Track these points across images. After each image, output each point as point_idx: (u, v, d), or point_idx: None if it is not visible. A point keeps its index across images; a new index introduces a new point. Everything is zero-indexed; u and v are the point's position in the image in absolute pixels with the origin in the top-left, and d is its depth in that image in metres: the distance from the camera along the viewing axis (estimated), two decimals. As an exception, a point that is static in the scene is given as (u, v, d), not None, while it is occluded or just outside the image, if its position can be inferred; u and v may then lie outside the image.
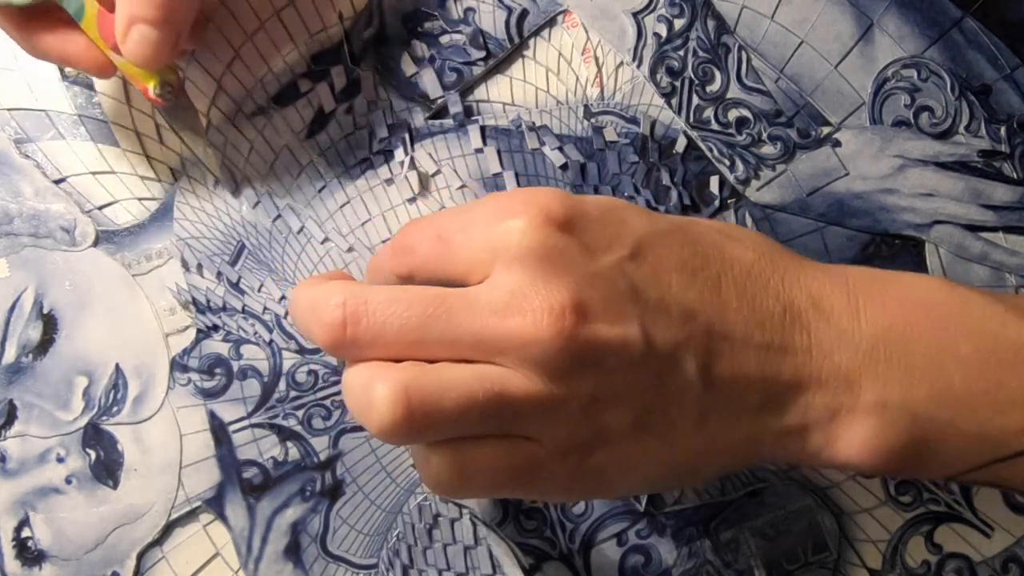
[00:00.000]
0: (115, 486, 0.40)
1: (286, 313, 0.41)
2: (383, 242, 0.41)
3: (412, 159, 0.42)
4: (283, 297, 0.41)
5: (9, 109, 0.41)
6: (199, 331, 0.41)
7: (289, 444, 0.41)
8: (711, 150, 0.42)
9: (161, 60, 0.35)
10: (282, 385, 0.41)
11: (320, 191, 0.42)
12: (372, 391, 0.28)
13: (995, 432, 0.31)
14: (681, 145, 0.42)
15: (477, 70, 0.42)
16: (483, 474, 0.29)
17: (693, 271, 0.30)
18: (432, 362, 0.29)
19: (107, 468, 0.40)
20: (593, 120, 0.42)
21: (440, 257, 0.30)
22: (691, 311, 0.30)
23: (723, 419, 0.30)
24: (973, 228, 0.42)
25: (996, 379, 0.31)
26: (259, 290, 0.41)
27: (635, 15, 0.42)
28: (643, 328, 0.29)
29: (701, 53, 0.42)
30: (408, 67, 0.42)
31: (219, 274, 0.41)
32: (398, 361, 0.29)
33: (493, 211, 0.29)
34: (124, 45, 0.35)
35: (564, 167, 0.42)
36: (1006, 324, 0.31)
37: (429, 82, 0.42)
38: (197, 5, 0.36)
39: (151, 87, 0.37)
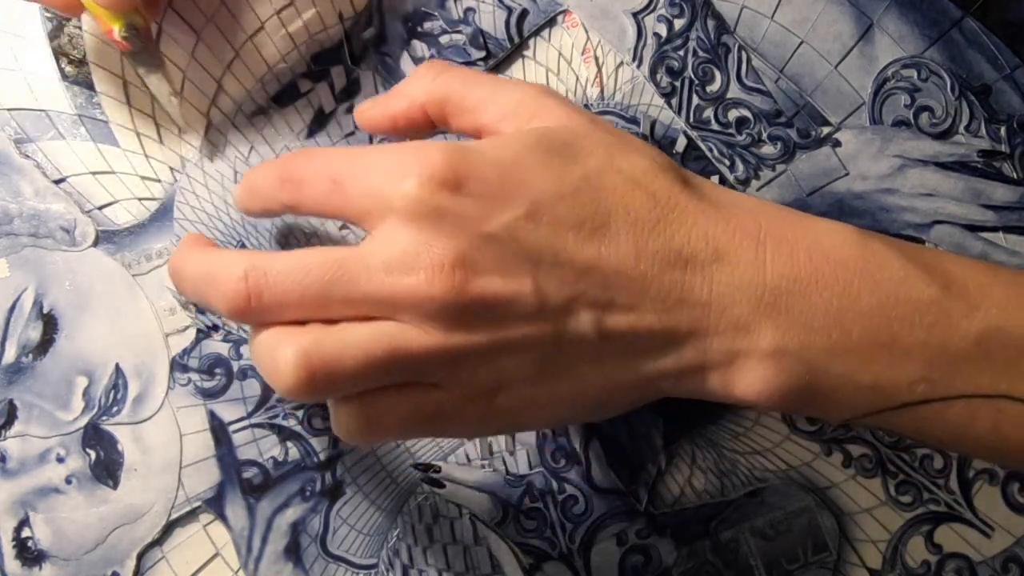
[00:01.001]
0: (115, 486, 0.40)
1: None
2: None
3: (412, 159, 0.42)
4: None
5: (9, 109, 0.41)
6: (199, 331, 0.41)
7: (289, 444, 0.41)
8: (711, 150, 0.42)
9: (127, 2, 0.35)
10: (282, 385, 0.41)
11: (320, 191, 0.42)
12: (276, 355, 0.30)
13: (887, 383, 0.32)
14: (681, 145, 0.42)
15: (477, 70, 0.42)
16: (390, 421, 0.31)
17: (592, 229, 0.31)
18: (335, 322, 0.31)
19: (107, 468, 0.40)
20: (593, 120, 0.42)
21: (332, 199, 0.31)
22: (586, 268, 0.31)
23: (622, 362, 0.32)
24: (973, 228, 0.42)
25: (893, 333, 0.32)
26: (259, 290, 0.41)
27: (635, 15, 0.42)
28: (536, 284, 0.30)
29: (701, 53, 0.42)
30: (408, 67, 0.42)
31: (219, 274, 0.41)
32: (302, 323, 0.31)
33: (388, 165, 0.30)
34: None
35: (564, 167, 0.42)
36: (908, 280, 0.32)
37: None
38: None
39: (116, 29, 0.36)
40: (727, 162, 0.42)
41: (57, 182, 0.41)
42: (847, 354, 0.32)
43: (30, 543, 0.40)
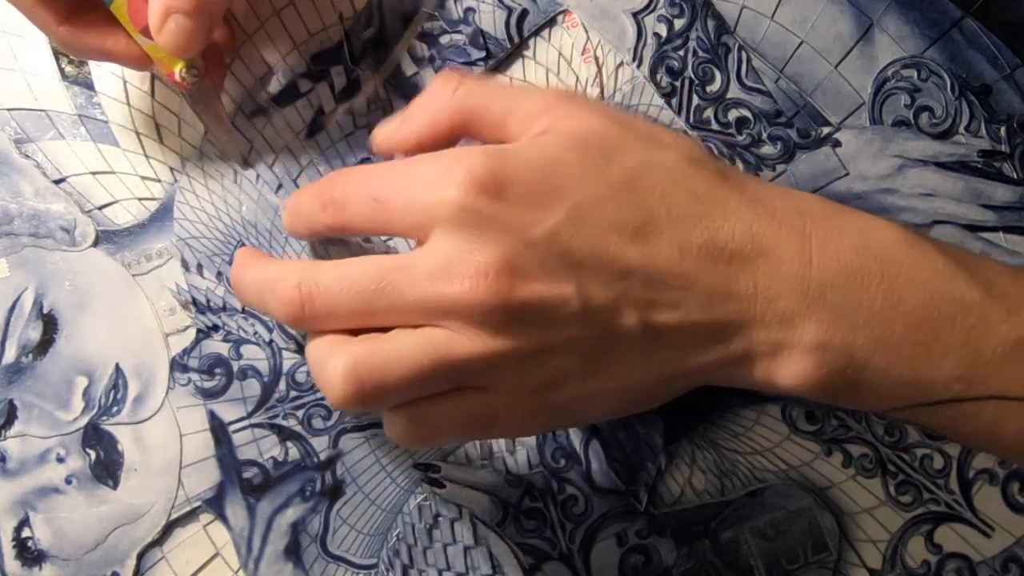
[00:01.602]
0: (115, 486, 0.40)
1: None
2: (383, 241, 0.41)
3: (412, 159, 0.42)
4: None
5: (9, 109, 0.41)
6: (199, 331, 0.41)
7: (289, 444, 0.41)
8: (711, 150, 0.42)
9: (195, 49, 0.36)
10: (282, 385, 0.41)
11: (320, 191, 0.42)
12: (327, 368, 0.31)
13: (924, 380, 0.32)
14: (681, 145, 0.42)
15: (477, 70, 0.42)
16: (442, 427, 0.32)
17: (634, 230, 0.31)
18: (387, 329, 0.31)
19: (107, 468, 0.40)
20: (593, 120, 0.42)
21: (377, 218, 0.32)
22: (629, 268, 0.31)
23: (669, 355, 0.32)
24: (973, 228, 0.42)
25: (934, 332, 0.32)
26: (259, 290, 0.41)
27: (635, 15, 0.42)
28: (579, 287, 0.31)
29: (701, 53, 0.42)
30: (408, 67, 0.42)
31: (219, 274, 0.41)
32: (356, 331, 0.32)
33: (428, 176, 0.31)
34: (159, 34, 0.35)
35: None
36: (952, 281, 0.33)
37: (429, 82, 0.42)
38: None
39: (177, 71, 0.37)
40: (727, 162, 0.42)
41: (57, 182, 0.41)
42: (888, 350, 0.32)
43: (30, 543, 0.40)
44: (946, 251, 0.34)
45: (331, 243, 0.41)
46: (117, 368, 0.41)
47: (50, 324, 0.41)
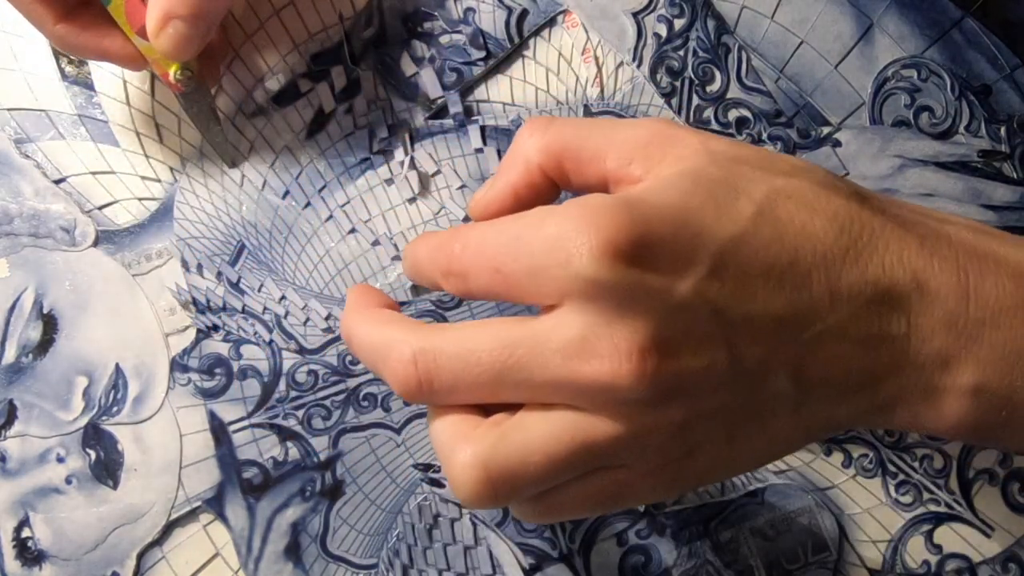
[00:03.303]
0: (115, 486, 0.40)
1: (286, 313, 0.41)
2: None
3: (412, 159, 0.42)
4: (283, 297, 0.41)
5: (9, 109, 0.41)
6: (199, 331, 0.41)
7: (289, 444, 0.41)
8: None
9: (192, 54, 0.36)
10: (282, 385, 0.41)
11: (320, 191, 0.42)
12: (453, 462, 0.28)
13: None
14: (681, 145, 0.42)
15: (477, 70, 0.42)
16: (574, 507, 0.30)
17: (780, 274, 0.28)
18: (512, 405, 0.29)
19: (107, 468, 0.40)
20: (593, 120, 0.42)
21: (500, 290, 0.29)
22: (780, 320, 0.28)
23: (819, 409, 0.30)
24: (973, 228, 0.42)
25: None
26: (259, 290, 0.41)
27: (635, 15, 0.42)
28: (729, 350, 0.27)
29: (701, 53, 0.42)
30: (408, 67, 0.42)
31: (219, 274, 0.41)
32: (482, 407, 0.29)
33: (551, 241, 0.27)
34: (157, 40, 0.35)
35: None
36: None
37: (429, 82, 0.42)
38: (228, 2, 0.37)
39: (172, 72, 0.38)
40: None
41: (57, 182, 0.41)
42: None
43: (30, 543, 0.40)
44: None
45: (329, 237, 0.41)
46: (117, 368, 0.41)
47: (50, 324, 0.41)
